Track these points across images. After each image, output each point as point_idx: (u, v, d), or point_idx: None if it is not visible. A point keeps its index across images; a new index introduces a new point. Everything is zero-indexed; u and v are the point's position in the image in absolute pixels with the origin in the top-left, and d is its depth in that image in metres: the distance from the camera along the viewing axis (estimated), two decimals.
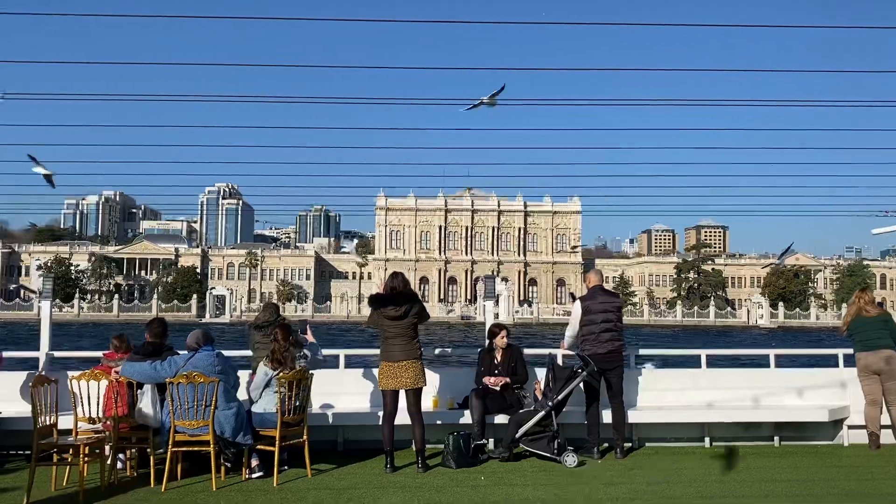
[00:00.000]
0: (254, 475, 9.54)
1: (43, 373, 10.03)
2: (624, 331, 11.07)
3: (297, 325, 10.40)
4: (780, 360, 12.59)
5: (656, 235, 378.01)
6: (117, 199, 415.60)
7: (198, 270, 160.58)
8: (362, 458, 10.52)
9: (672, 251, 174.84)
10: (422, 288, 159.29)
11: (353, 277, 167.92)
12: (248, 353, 11.37)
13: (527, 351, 11.77)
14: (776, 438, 11.73)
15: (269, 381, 9.79)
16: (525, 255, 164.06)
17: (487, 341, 11.32)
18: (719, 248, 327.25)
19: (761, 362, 12.59)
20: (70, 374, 9.66)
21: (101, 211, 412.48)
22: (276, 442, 9.31)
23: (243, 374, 10.45)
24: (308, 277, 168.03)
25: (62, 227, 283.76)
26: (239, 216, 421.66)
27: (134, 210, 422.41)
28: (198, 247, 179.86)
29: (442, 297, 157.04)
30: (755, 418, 11.66)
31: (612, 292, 11.59)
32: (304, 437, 9.69)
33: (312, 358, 10.16)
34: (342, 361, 11.73)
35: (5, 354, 11.35)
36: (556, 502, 8.51)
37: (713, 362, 12.48)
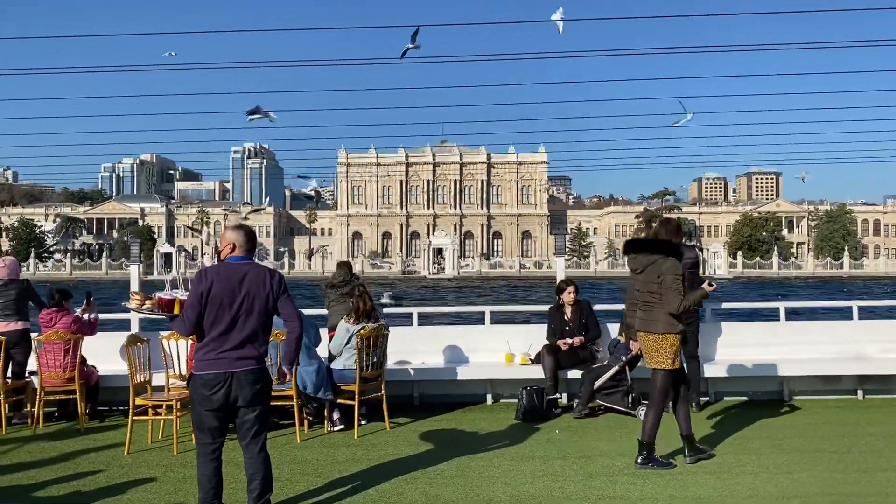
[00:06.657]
0: (335, 428, 9.84)
1: (136, 332, 10.17)
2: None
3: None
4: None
5: (707, 183, 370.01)
6: (154, 161, 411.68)
7: (152, 229, 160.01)
8: (438, 412, 10.76)
9: (724, 200, 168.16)
10: (384, 243, 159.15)
11: (326, 234, 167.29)
12: (323, 311, 11.60)
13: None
14: (859, 392, 11.45)
15: (349, 339, 10.07)
16: (489, 207, 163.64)
17: (557, 297, 11.35)
18: (772, 194, 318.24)
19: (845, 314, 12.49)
20: (161, 333, 9.85)
21: (136, 173, 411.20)
22: (356, 396, 9.59)
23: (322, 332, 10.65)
24: (269, 234, 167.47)
25: (98, 190, 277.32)
26: (263, 175, 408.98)
27: (172, 171, 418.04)
28: (164, 206, 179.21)
29: (402, 251, 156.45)
30: (836, 371, 11.35)
31: (688, 246, 11.17)
32: (382, 392, 9.96)
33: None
34: (415, 319, 11.93)
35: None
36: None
37: (792, 315, 12.37)
